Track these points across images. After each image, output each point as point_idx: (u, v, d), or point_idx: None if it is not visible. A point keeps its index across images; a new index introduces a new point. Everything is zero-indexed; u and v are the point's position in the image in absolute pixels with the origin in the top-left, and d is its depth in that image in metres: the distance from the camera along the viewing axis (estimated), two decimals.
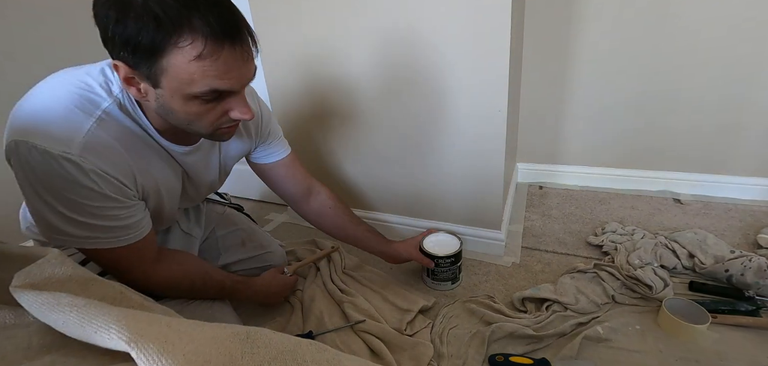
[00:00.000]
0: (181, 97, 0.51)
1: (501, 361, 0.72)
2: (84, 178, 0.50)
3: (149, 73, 0.49)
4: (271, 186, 0.90)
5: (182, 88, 0.50)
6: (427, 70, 0.93)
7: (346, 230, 0.92)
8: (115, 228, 0.56)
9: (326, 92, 1.11)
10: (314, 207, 0.90)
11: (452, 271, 0.93)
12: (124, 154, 0.55)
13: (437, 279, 0.94)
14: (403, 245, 0.95)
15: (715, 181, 1.25)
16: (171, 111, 0.53)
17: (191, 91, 0.50)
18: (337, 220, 0.91)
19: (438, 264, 0.92)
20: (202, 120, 0.55)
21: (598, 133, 1.34)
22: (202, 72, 0.48)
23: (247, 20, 0.53)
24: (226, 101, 0.54)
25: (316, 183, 0.92)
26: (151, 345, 0.28)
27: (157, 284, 0.65)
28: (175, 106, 0.52)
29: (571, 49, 1.25)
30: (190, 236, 0.84)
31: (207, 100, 0.52)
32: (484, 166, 0.98)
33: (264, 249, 0.95)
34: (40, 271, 0.37)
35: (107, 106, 0.53)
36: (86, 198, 0.52)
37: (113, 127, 0.54)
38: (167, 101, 0.52)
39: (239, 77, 0.53)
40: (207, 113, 0.54)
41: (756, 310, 0.78)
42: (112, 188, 0.53)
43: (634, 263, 0.91)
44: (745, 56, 1.09)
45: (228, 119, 0.57)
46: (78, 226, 0.53)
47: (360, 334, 0.81)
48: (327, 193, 0.91)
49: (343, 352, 0.35)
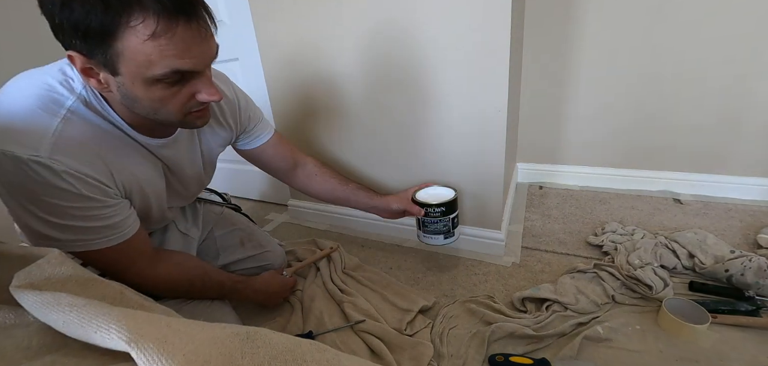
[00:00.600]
0: (142, 83, 0.49)
1: (501, 361, 0.72)
2: (58, 180, 0.49)
3: (106, 60, 0.47)
4: (260, 166, 0.91)
5: (142, 72, 0.47)
6: (427, 70, 0.93)
7: (335, 192, 0.93)
8: (101, 228, 0.55)
9: (323, 90, 1.11)
10: (301, 177, 0.93)
11: (444, 223, 0.86)
12: (97, 151, 0.53)
13: (428, 231, 0.88)
14: (395, 197, 0.94)
15: (715, 181, 1.25)
16: (135, 99, 0.51)
17: (152, 74, 0.48)
18: (325, 184, 0.93)
19: (428, 214, 0.86)
20: (168, 106, 0.52)
21: (598, 132, 1.34)
22: (159, 52, 0.46)
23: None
24: (191, 83, 0.52)
25: (301, 155, 0.94)
26: (151, 345, 0.28)
27: (155, 284, 0.65)
28: (139, 92, 0.50)
29: (571, 49, 1.25)
30: (187, 237, 0.84)
31: (170, 83, 0.50)
32: (484, 166, 0.98)
33: (263, 248, 0.95)
34: (40, 271, 0.37)
35: (71, 105, 0.52)
36: (64, 200, 0.50)
37: (81, 125, 0.52)
38: (129, 89, 0.49)
39: (200, 55, 0.51)
40: (172, 98, 0.52)
41: (756, 310, 0.78)
42: (90, 188, 0.52)
43: (634, 263, 0.91)
44: (745, 56, 1.09)
45: (196, 103, 0.54)
46: (62, 229, 0.52)
47: (360, 334, 0.81)
48: (313, 162, 0.94)
49: (343, 352, 0.35)
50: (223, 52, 1.36)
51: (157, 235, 0.79)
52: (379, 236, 1.23)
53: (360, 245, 1.20)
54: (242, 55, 1.29)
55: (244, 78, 1.33)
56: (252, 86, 1.33)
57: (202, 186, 0.83)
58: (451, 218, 0.88)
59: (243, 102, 0.80)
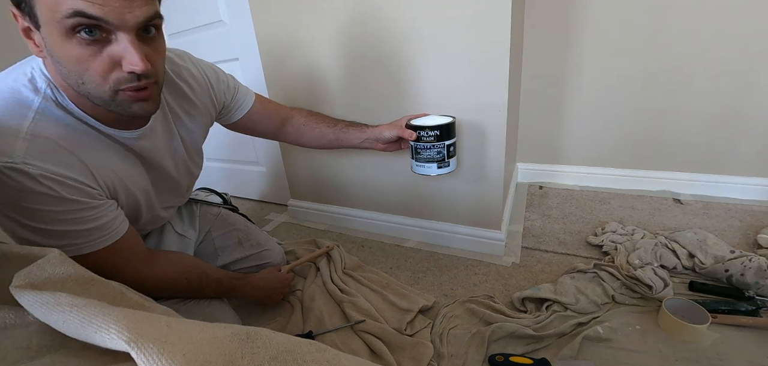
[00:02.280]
0: (58, 34, 0.44)
1: (501, 361, 0.72)
2: (35, 184, 0.47)
3: (28, 8, 0.44)
4: (250, 133, 0.91)
5: (52, 17, 0.43)
6: (427, 69, 0.93)
7: (326, 137, 0.93)
8: (88, 231, 0.53)
9: (325, 90, 1.11)
10: (291, 131, 0.93)
11: (438, 149, 0.79)
12: (71, 150, 0.51)
13: (421, 158, 0.81)
14: (387, 125, 0.90)
15: (715, 181, 1.25)
16: (58, 60, 0.47)
17: (59, 18, 0.43)
18: (314, 131, 0.92)
19: (421, 138, 0.79)
20: (89, 70, 0.47)
21: (598, 133, 1.34)
22: None
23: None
24: (113, 46, 0.47)
25: (287, 109, 0.94)
26: (151, 345, 0.28)
27: (152, 285, 0.64)
28: (57, 49, 0.46)
29: (571, 49, 1.25)
30: (184, 238, 0.83)
31: (86, 41, 0.45)
32: (484, 166, 0.98)
33: (262, 247, 0.95)
34: (40, 271, 0.37)
35: (39, 105, 0.50)
36: (45, 204, 0.49)
37: (52, 126, 0.50)
38: (50, 44, 0.46)
39: (117, 10, 0.44)
40: (91, 60, 0.46)
41: (756, 310, 0.78)
42: (69, 190, 0.50)
43: (634, 263, 0.91)
44: (745, 55, 1.09)
45: (125, 77, 0.48)
46: (49, 235, 0.51)
47: (360, 334, 0.81)
48: (300, 113, 0.94)
49: (343, 352, 0.35)
50: (223, 52, 1.38)
51: (154, 237, 0.79)
52: (379, 236, 1.23)
53: (360, 245, 1.20)
54: (242, 55, 1.29)
55: (245, 78, 1.33)
56: (252, 86, 1.32)
57: (193, 177, 0.80)
58: (446, 145, 0.80)
59: (213, 78, 0.76)
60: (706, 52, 1.12)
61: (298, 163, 1.32)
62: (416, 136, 0.80)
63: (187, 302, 0.72)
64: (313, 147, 0.96)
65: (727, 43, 1.09)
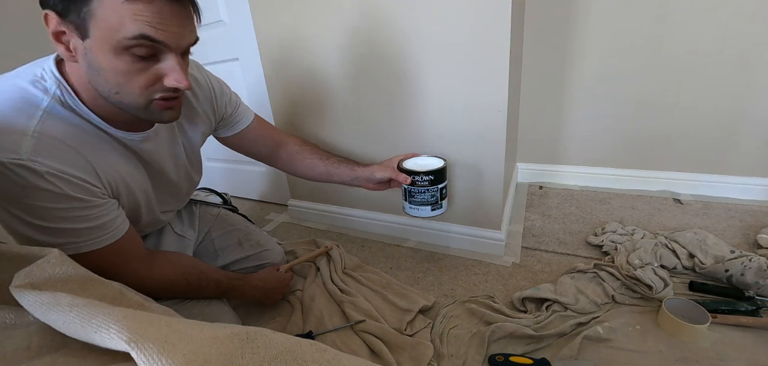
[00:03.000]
0: (110, 49, 0.48)
1: (501, 361, 0.72)
2: (41, 181, 0.48)
3: (79, 21, 0.46)
4: (242, 152, 0.91)
5: (111, 36, 0.47)
6: (427, 70, 0.93)
7: (315, 169, 0.92)
8: (89, 229, 0.54)
9: (324, 90, 1.11)
10: (284, 157, 0.92)
11: (432, 193, 0.81)
12: (78, 149, 0.52)
13: (415, 202, 0.82)
14: (378, 166, 0.89)
15: (715, 181, 1.25)
16: (99, 69, 0.49)
17: (120, 38, 0.47)
18: (305, 162, 0.92)
19: (415, 182, 0.81)
20: (131, 84, 0.51)
21: (599, 132, 1.34)
22: (132, 14, 0.46)
23: None
24: (160, 65, 0.51)
25: (283, 135, 0.93)
26: (151, 345, 0.28)
27: (151, 285, 0.64)
28: (104, 61, 0.48)
29: (572, 49, 1.25)
30: (183, 238, 0.83)
31: (138, 57, 0.49)
32: (484, 166, 0.98)
33: (261, 247, 0.95)
34: (40, 271, 0.37)
35: (47, 105, 0.51)
36: (49, 202, 0.50)
37: (59, 125, 0.51)
38: (96, 56, 0.48)
39: (176, 35, 0.50)
40: (137, 75, 0.50)
41: (756, 310, 0.78)
42: (74, 188, 0.51)
43: (634, 263, 0.91)
44: (745, 56, 1.09)
45: (161, 88, 0.53)
46: (50, 233, 0.52)
47: (360, 334, 0.81)
48: (294, 141, 0.93)
49: (343, 352, 0.35)
50: (223, 52, 1.38)
51: (153, 237, 0.79)
52: (379, 236, 1.23)
53: (360, 245, 1.20)
54: (242, 55, 1.29)
55: (244, 78, 1.33)
56: (252, 86, 1.33)
57: (193, 183, 0.81)
58: (439, 188, 0.83)
59: (218, 89, 0.78)
60: (706, 52, 1.12)
61: None
62: (410, 181, 0.81)
63: (187, 302, 0.72)
64: (304, 177, 0.95)
65: (728, 42, 1.09)
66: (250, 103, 1.37)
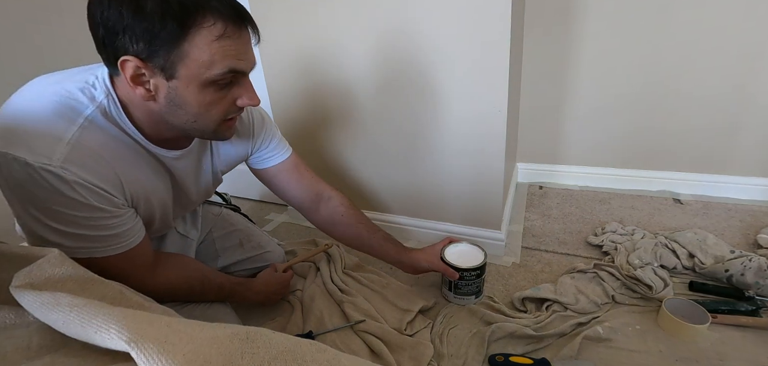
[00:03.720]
0: (197, 85, 0.51)
1: (501, 361, 0.72)
2: (67, 189, 0.49)
3: (165, 64, 0.49)
4: (279, 193, 0.87)
5: (201, 73, 0.50)
6: (427, 70, 0.93)
7: (361, 239, 0.86)
8: (106, 237, 0.55)
9: (325, 92, 1.11)
10: (325, 215, 0.86)
11: (477, 284, 0.87)
12: (110, 162, 0.53)
13: (461, 293, 0.88)
14: (423, 254, 0.88)
15: (715, 181, 1.25)
16: (183, 104, 0.52)
17: (210, 75, 0.50)
18: (351, 228, 0.86)
19: (463, 277, 0.86)
20: (213, 110, 0.54)
21: (598, 133, 1.34)
22: (222, 52, 0.50)
23: None
24: (236, 88, 0.56)
25: (326, 187, 0.87)
26: (151, 345, 0.28)
27: (155, 290, 0.63)
28: (190, 96, 0.52)
29: (571, 49, 1.25)
30: (186, 238, 0.83)
31: (222, 86, 0.53)
32: (484, 166, 0.98)
33: (262, 249, 0.95)
34: (40, 271, 0.37)
35: (90, 113, 0.52)
36: (72, 209, 0.50)
37: (97, 135, 0.52)
38: (181, 93, 0.51)
39: (251, 60, 0.55)
40: (220, 102, 0.54)
41: (756, 310, 0.78)
42: (99, 198, 0.52)
43: (634, 263, 0.91)
44: (745, 56, 1.09)
45: (234, 109, 0.57)
46: (67, 237, 0.52)
47: (360, 334, 0.81)
48: (339, 199, 0.86)
49: (343, 352, 0.35)
50: None
51: (156, 237, 0.79)
52: None
53: None
54: None
55: None
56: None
57: (208, 197, 0.82)
58: (482, 279, 0.88)
59: (257, 115, 0.78)
60: (707, 52, 1.12)
61: None
62: (458, 276, 0.86)
63: (187, 304, 0.72)
64: (342, 241, 0.89)
65: (728, 42, 1.09)
66: None
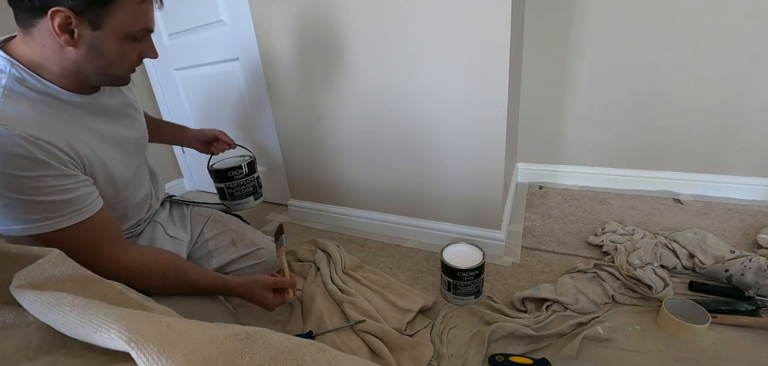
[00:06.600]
0: (119, 38, 0.58)
1: (501, 361, 0.72)
2: (10, 145, 0.49)
3: (95, 17, 0.55)
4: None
5: (124, 28, 0.58)
6: (426, 69, 0.93)
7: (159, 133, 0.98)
8: (61, 203, 0.55)
9: (324, 90, 1.11)
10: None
11: (476, 284, 0.88)
12: (44, 121, 0.55)
13: (460, 293, 0.89)
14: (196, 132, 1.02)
15: (715, 181, 1.25)
16: (103, 51, 0.58)
17: (131, 30, 0.59)
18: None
19: (460, 277, 0.87)
20: (126, 59, 0.62)
21: (598, 133, 1.34)
22: (142, 14, 0.60)
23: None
24: (144, 43, 0.64)
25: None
26: (151, 345, 0.28)
27: (128, 269, 0.63)
28: (111, 45, 0.58)
29: (571, 49, 1.25)
30: (176, 240, 0.83)
31: (136, 39, 0.61)
32: (484, 166, 0.98)
33: (255, 246, 0.94)
34: (40, 271, 0.37)
35: (6, 83, 0.54)
36: (18, 169, 0.50)
37: (22, 100, 0.54)
38: (102, 42, 0.57)
39: (154, 22, 0.65)
40: (132, 52, 0.62)
41: (756, 310, 0.78)
42: (42, 151, 0.52)
43: (634, 263, 0.91)
44: (745, 56, 1.09)
45: (139, 60, 0.66)
46: (18, 207, 0.52)
47: (360, 334, 0.81)
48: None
49: (343, 352, 0.35)
50: (223, 52, 1.38)
51: (146, 238, 0.78)
52: (379, 236, 1.23)
53: (360, 245, 1.20)
54: (242, 54, 1.29)
55: (245, 78, 1.33)
56: (252, 86, 1.33)
57: (145, 134, 0.82)
58: (481, 278, 0.90)
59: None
60: (707, 52, 1.12)
61: (297, 163, 1.32)
62: (456, 276, 0.88)
63: (183, 300, 0.70)
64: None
65: (728, 42, 1.09)
66: (250, 103, 1.38)
